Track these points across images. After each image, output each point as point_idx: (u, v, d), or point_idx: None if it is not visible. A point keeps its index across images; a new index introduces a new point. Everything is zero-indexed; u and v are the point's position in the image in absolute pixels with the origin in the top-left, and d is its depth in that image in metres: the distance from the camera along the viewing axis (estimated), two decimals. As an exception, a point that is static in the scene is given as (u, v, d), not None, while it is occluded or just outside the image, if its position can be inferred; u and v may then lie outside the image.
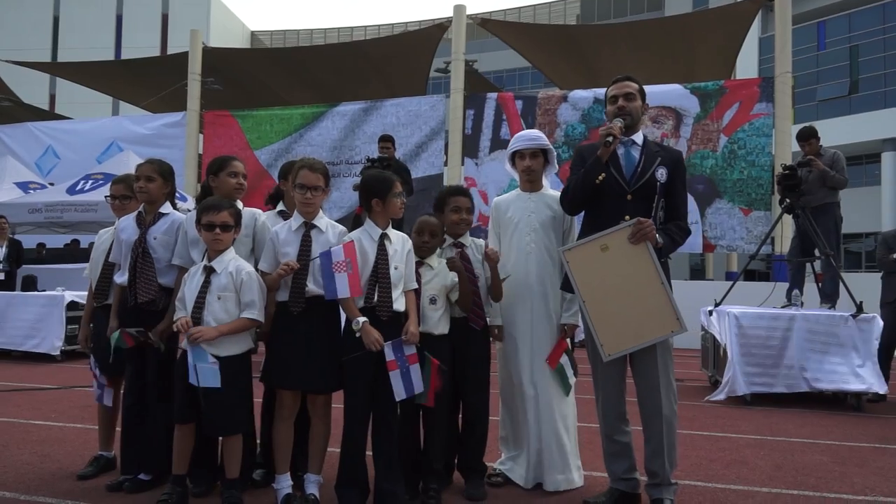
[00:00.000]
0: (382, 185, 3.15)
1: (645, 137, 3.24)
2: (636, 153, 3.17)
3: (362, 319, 2.96)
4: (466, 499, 3.20)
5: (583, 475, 3.45)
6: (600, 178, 3.06)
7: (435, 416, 3.21)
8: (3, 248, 9.31)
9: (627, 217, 3.03)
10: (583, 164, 3.17)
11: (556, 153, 3.64)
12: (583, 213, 3.31)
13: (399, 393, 2.96)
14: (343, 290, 2.94)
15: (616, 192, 3.10)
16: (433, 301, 3.25)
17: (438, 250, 3.41)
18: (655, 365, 3.05)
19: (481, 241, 3.52)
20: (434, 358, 3.08)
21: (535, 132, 3.63)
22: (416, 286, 3.18)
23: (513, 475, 3.48)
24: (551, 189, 3.65)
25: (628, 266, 2.99)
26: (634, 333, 3.00)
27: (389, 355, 2.96)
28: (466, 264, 3.38)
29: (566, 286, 3.20)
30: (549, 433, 3.36)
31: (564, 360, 3.40)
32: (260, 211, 3.52)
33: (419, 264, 3.28)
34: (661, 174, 3.11)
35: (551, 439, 3.35)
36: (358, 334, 2.95)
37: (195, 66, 14.93)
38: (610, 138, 3.03)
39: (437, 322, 3.25)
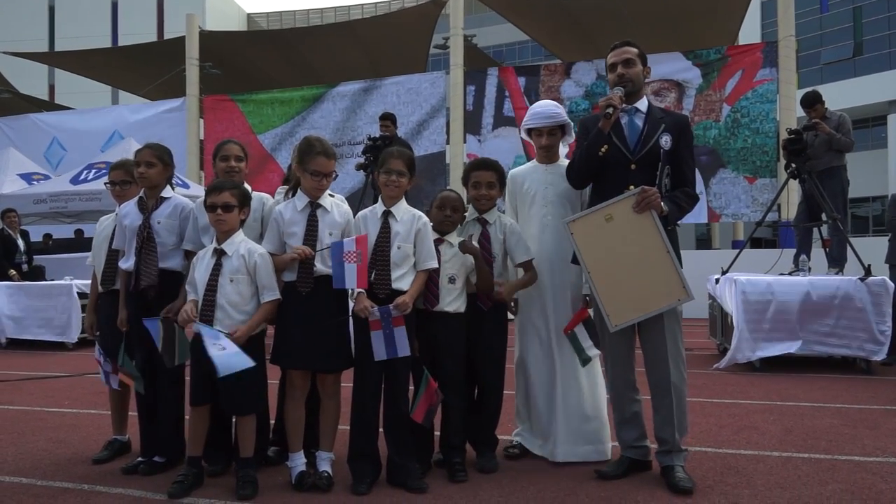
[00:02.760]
0: (379, 160, 3.15)
1: (650, 104, 3.18)
2: (640, 121, 3.13)
3: (359, 290, 2.98)
4: (478, 471, 3.22)
5: (602, 450, 3.38)
6: (603, 150, 3.03)
7: (452, 395, 3.20)
8: (21, 241, 9.36)
9: (632, 186, 3.00)
10: (587, 136, 3.13)
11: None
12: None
13: (379, 353, 2.96)
14: (351, 281, 2.93)
15: (620, 162, 3.07)
16: (452, 280, 3.21)
17: (458, 227, 3.35)
18: (663, 334, 3.04)
19: (509, 221, 3.43)
20: (448, 343, 3.08)
21: (550, 107, 3.51)
22: (434, 265, 3.13)
23: (531, 446, 3.49)
24: (566, 160, 3.58)
25: (633, 235, 2.97)
26: (640, 303, 2.98)
27: (374, 315, 2.96)
28: (484, 243, 3.34)
29: (575, 259, 3.15)
30: (567, 405, 3.34)
31: (580, 329, 3.31)
32: (268, 196, 3.50)
33: (439, 241, 3.24)
34: (666, 141, 3.06)
35: (569, 411, 3.34)
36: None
37: (192, 51, 14.85)
38: (610, 110, 2.98)
39: (454, 300, 3.22)
